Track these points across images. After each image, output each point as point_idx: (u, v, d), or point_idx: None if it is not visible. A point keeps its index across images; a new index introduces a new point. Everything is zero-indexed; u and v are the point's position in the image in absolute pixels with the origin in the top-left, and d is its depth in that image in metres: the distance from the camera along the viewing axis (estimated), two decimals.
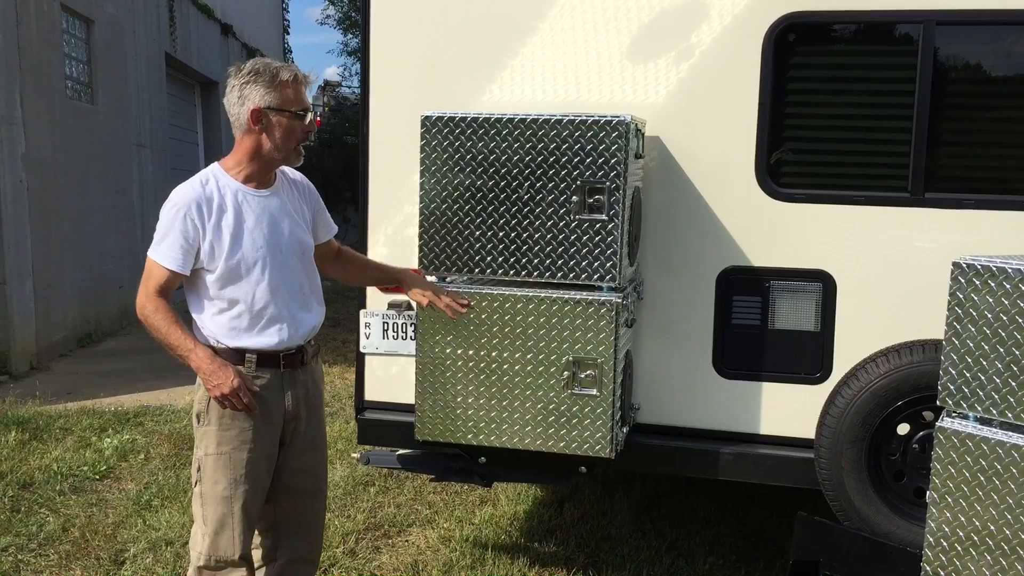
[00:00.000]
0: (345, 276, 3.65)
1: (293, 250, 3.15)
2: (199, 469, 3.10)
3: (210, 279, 3.03)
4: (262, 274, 3.05)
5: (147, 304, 2.99)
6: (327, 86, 29.85)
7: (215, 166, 3.12)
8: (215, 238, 3.00)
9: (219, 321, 3.05)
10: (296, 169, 3.28)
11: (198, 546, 3.12)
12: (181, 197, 3.00)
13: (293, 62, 24.29)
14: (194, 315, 3.10)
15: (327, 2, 31.59)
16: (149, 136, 12.40)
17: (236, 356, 3.05)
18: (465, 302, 3.64)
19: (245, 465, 3.06)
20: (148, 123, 12.37)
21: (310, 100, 3.16)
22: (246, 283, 3.03)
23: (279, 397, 3.13)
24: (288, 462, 3.21)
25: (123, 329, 11.20)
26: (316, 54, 64.59)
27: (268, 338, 3.07)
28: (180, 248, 2.97)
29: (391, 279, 3.70)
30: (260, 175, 3.11)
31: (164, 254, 2.98)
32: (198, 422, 3.09)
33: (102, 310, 10.76)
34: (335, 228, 3.46)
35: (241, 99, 3.02)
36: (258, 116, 3.01)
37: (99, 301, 10.65)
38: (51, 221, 9.37)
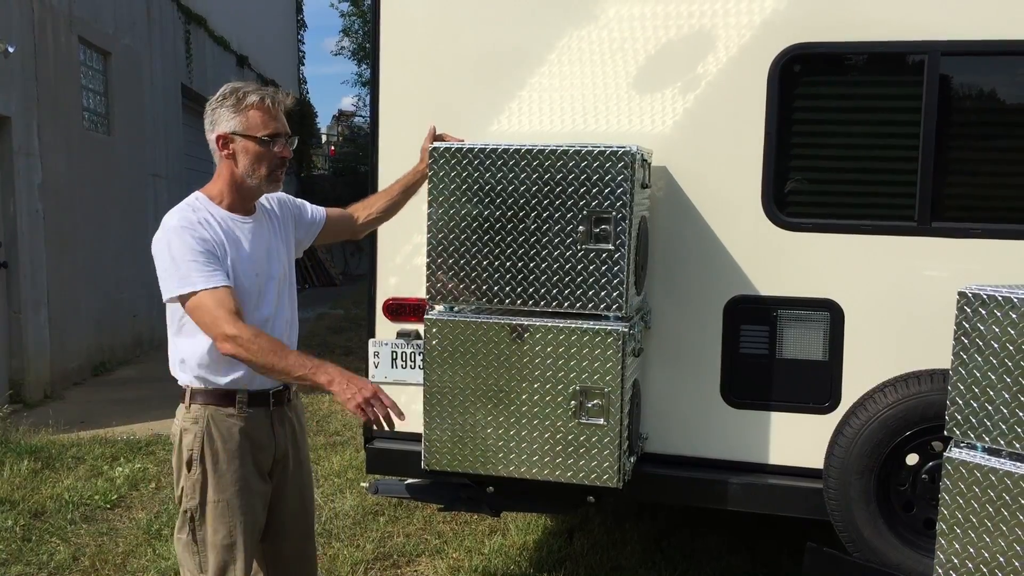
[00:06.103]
0: (381, 216, 3.54)
1: (282, 280, 3.02)
2: (193, 519, 2.88)
3: None
4: (258, 304, 2.90)
5: (239, 334, 2.69)
6: (342, 116, 30.11)
7: (198, 194, 2.92)
8: None
9: (213, 355, 2.81)
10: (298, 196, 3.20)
11: None
12: (178, 220, 2.80)
13: (307, 93, 24.18)
14: (181, 354, 2.88)
15: (342, 33, 31.93)
16: (165, 166, 12.53)
17: (226, 397, 2.87)
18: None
19: (242, 511, 2.89)
20: (164, 153, 12.49)
21: (285, 123, 2.92)
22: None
23: (270, 436, 2.97)
24: (279, 505, 3.04)
25: (137, 357, 11.26)
26: (331, 84, 65.44)
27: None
28: (205, 260, 2.74)
29: (415, 176, 3.63)
30: (241, 203, 2.93)
31: (206, 278, 2.73)
32: (188, 469, 2.87)
33: (116, 338, 10.82)
34: (322, 208, 3.34)
35: (212, 124, 2.87)
36: (224, 141, 2.86)
37: (114, 330, 10.72)
38: (66, 250, 9.46)
